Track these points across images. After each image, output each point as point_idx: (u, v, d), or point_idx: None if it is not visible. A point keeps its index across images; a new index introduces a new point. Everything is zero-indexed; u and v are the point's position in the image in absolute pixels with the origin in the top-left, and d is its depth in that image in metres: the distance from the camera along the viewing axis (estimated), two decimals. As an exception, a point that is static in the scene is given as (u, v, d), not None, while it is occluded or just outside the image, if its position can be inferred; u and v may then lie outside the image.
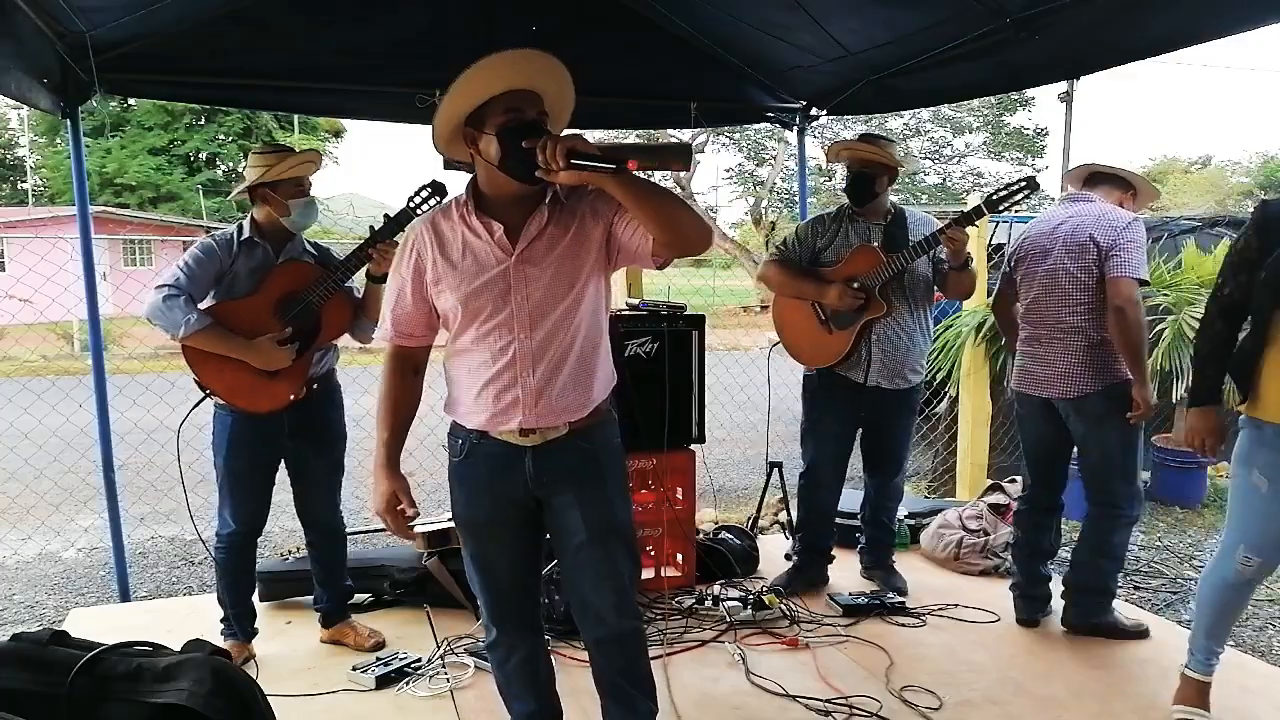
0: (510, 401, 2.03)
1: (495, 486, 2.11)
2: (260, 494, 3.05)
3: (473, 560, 2.20)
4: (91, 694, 1.51)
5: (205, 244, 2.92)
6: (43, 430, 5.42)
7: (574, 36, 3.98)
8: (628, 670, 2.22)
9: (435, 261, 2.04)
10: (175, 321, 2.76)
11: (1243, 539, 2.52)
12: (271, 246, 2.98)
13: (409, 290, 2.08)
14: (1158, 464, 5.38)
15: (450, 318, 2.07)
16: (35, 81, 3.22)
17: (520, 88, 1.93)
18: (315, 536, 3.23)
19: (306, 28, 3.76)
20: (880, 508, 3.76)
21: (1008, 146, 28.04)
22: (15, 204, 26.75)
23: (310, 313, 2.94)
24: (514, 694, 2.32)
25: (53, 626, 1.80)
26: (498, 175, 1.98)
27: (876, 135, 3.64)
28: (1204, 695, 2.63)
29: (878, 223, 3.50)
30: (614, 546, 2.12)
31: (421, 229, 2.08)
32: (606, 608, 2.14)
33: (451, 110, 1.94)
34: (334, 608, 3.27)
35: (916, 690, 2.88)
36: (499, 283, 2.01)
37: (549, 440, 2.08)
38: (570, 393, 2.06)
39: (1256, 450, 2.49)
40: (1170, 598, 3.92)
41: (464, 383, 2.09)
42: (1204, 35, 2.96)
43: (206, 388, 2.92)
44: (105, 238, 17.00)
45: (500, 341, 2.02)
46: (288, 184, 2.93)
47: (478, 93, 1.91)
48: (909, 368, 3.51)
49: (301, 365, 2.96)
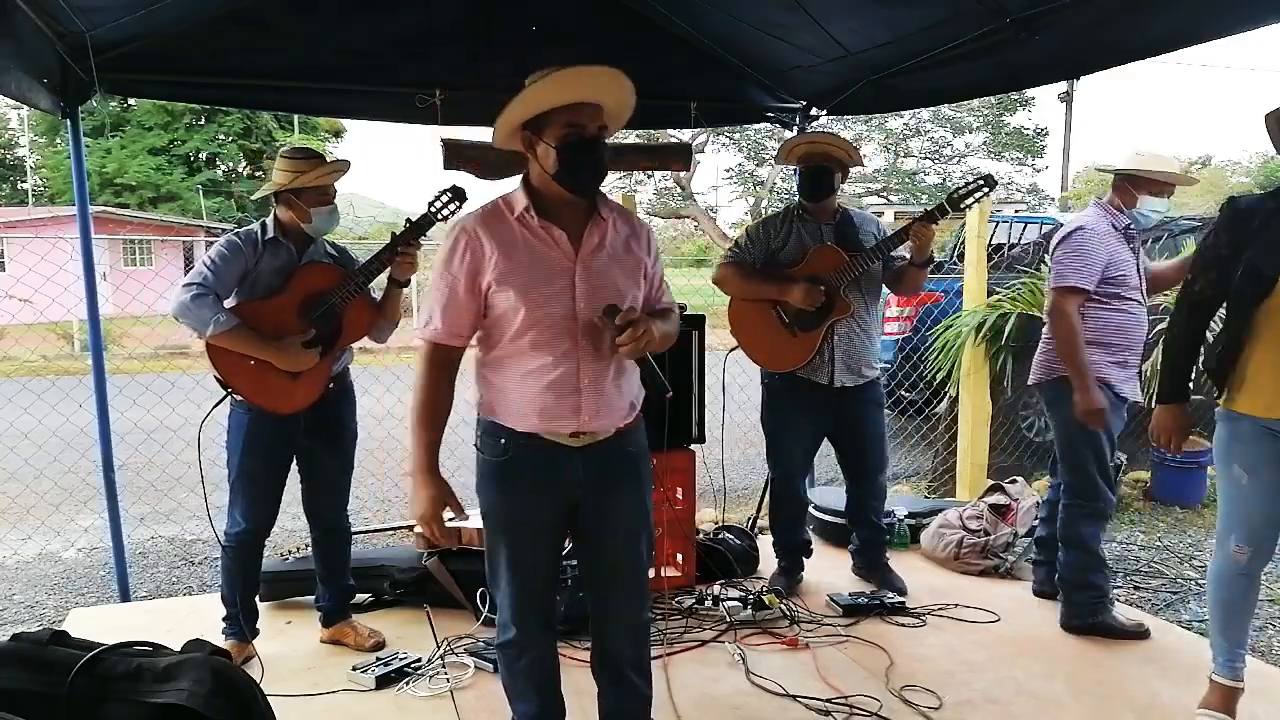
0: (569, 404, 2.06)
1: (541, 488, 2.13)
2: (273, 494, 3.05)
3: (507, 561, 2.18)
4: (91, 694, 1.51)
5: (231, 241, 2.92)
6: (43, 430, 5.41)
7: (574, 36, 3.99)
8: (636, 660, 2.30)
9: (495, 261, 2.03)
10: (204, 320, 2.76)
11: (1231, 530, 2.56)
12: (295, 247, 2.98)
13: (461, 289, 2.06)
14: (1157, 464, 5.37)
15: (505, 318, 2.05)
16: (35, 81, 3.22)
17: (584, 101, 1.99)
18: (321, 535, 3.23)
19: (306, 28, 3.76)
20: (869, 508, 3.75)
21: (1008, 146, 28.08)
22: (15, 204, 26.76)
23: (333, 315, 2.95)
24: (519, 693, 2.32)
25: (53, 626, 1.80)
26: (551, 182, 2.03)
27: (826, 132, 3.66)
28: (1229, 701, 2.61)
29: (828, 223, 3.50)
30: (643, 545, 2.23)
31: (473, 227, 2.06)
32: (631, 604, 2.25)
33: (515, 114, 2.00)
34: (335, 607, 3.27)
35: (916, 690, 2.88)
36: (565, 287, 2.04)
37: (597, 442, 2.12)
38: (620, 396, 2.13)
39: (1234, 444, 2.52)
40: (1170, 598, 3.92)
41: (515, 384, 2.09)
42: (1204, 35, 2.96)
43: (229, 386, 2.91)
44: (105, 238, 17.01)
45: (563, 345, 2.05)
46: (313, 191, 2.92)
47: (543, 101, 1.97)
48: (865, 364, 3.54)
49: (324, 367, 2.97)
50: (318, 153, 3.04)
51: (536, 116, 1.99)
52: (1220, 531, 2.60)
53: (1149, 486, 5.44)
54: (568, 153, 1.97)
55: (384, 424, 6.20)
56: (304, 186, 2.90)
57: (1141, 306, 3.27)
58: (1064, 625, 3.33)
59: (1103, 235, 3.17)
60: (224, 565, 3.12)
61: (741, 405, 4.14)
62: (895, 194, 28.73)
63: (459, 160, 4.05)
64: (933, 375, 5.57)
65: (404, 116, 4.03)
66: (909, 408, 6.65)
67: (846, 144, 3.49)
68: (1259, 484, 2.48)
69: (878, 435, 3.65)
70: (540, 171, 2.04)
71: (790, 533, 3.77)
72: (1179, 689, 2.84)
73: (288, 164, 2.93)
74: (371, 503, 5.54)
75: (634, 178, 24.81)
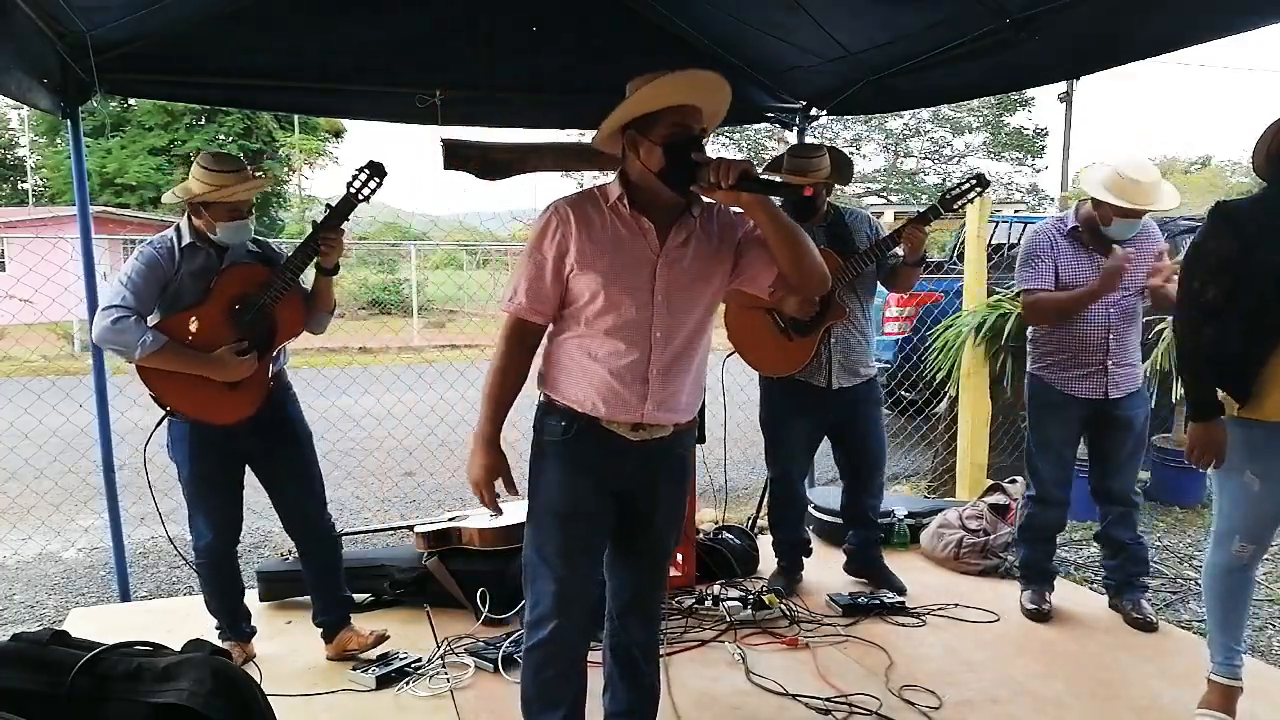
0: (636, 393, 2.09)
1: (600, 473, 2.15)
2: (232, 499, 2.98)
3: (559, 549, 2.16)
4: (92, 694, 1.51)
5: (146, 254, 2.78)
6: (43, 430, 5.41)
7: (574, 36, 3.99)
8: (647, 646, 2.36)
9: (581, 242, 2.07)
10: (130, 344, 2.65)
11: (1235, 530, 2.55)
12: (214, 250, 2.86)
13: (549, 269, 2.10)
14: (1157, 464, 5.37)
15: (584, 300, 2.09)
16: (36, 81, 3.21)
17: (689, 104, 2.03)
18: (304, 544, 3.12)
19: (306, 28, 3.76)
20: (866, 507, 3.75)
21: (1007, 146, 28.08)
22: (15, 204, 26.74)
23: (265, 315, 2.84)
24: (548, 701, 2.24)
25: (53, 626, 1.80)
26: (652, 179, 2.06)
27: (806, 149, 3.52)
28: (1229, 701, 2.61)
29: (819, 225, 3.48)
30: (672, 542, 2.37)
31: (565, 209, 2.11)
32: (654, 594, 2.36)
33: (624, 113, 2.03)
34: (333, 620, 3.15)
35: (916, 690, 2.88)
36: (645, 278, 2.08)
37: (654, 438, 2.15)
38: (684, 396, 2.16)
39: (1246, 449, 2.49)
40: (1170, 598, 3.92)
41: (583, 366, 2.11)
42: (1204, 35, 2.96)
43: (167, 407, 2.82)
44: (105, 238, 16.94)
45: (636, 335, 2.08)
46: (222, 206, 2.79)
47: (651, 103, 2.01)
48: (862, 364, 3.55)
49: (262, 371, 2.87)
50: (239, 163, 2.89)
51: (641, 117, 2.04)
52: (1221, 532, 2.59)
53: (1149, 486, 5.43)
54: (674, 151, 2.01)
55: (384, 424, 6.21)
56: (213, 201, 2.77)
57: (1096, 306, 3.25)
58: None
59: (1046, 236, 3.31)
60: (202, 580, 3.07)
61: (742, 405, 4.14)
62: (895, 194, 28.73)
63: (459, 160, 4.05)
64: (932, 375, 5.58)
65: (404, 116, 4.02)
66: (909, 408, 6.66)
67: (816, 174, 3.38)
68: (1273, 488, 2.46)
69: (877, 434, 3.66)
70: (642, 169, 2.07)
71: (790, 532, 3.77)
72: (1179, 689, 2.85)
73: (204, 174, 2.79)
74: (371, 503, 5.53)
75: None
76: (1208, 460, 2.55)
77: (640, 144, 2.05)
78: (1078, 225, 3.27)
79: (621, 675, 2.38)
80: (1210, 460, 2.55)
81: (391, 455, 6.16)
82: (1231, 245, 2.44)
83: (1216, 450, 2.53)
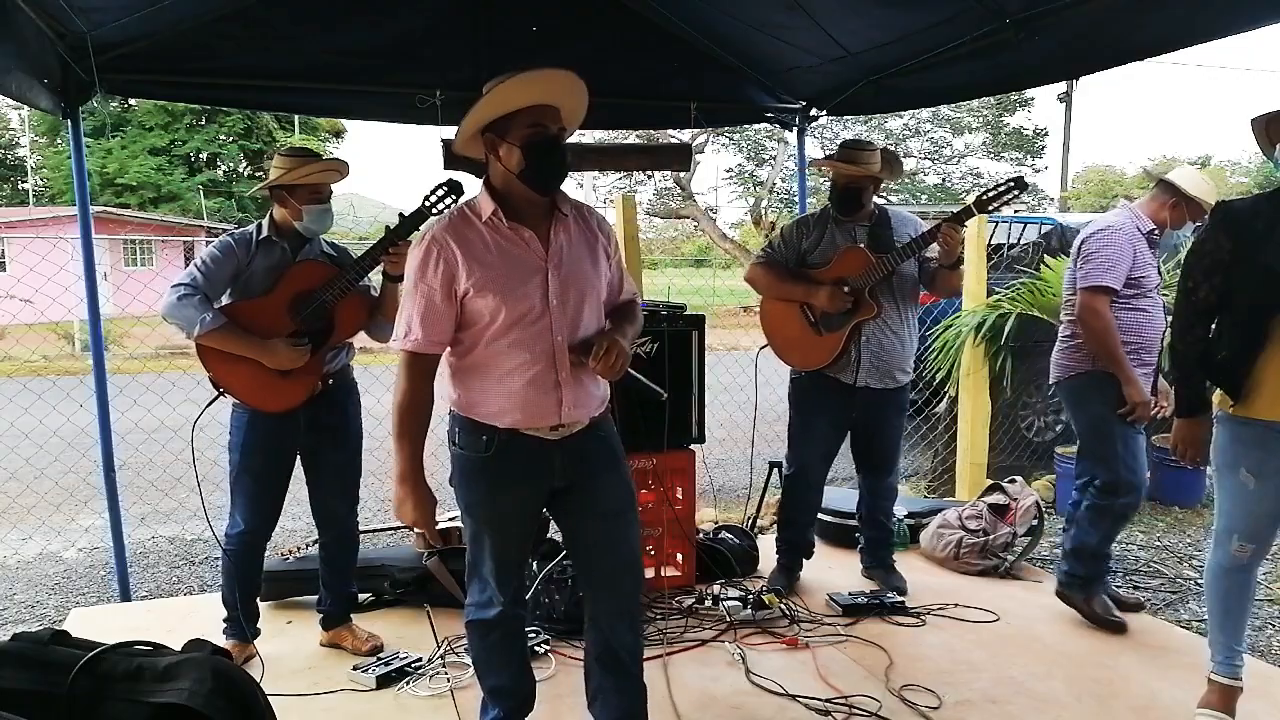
0: (550, 399, 2.14)
1: (524, 480, 2.21)
2: (274, 495, 3.05)
3: (490, 549, 2.27)
4: (92, 694, 1.51)
5: (223, 242, 2.95)
6: (43, 430, 5.41)
7: (573, 37, 3.99)
8: (630, 645, 2.35)
9: (467, 266, 2.08)
10: (190, 320, 2.79)
11: (1234, 530, 2.57)
12: (289, 246, 2.99)
13: (438, 297, 2.11)
14: (1158, 464, 5.36)
15: (484, 321, 2.11)
16: (36, 82, 3.22)
17: (545, 103, 2.06)
18: (328, 538, 3.21)
19: (306, 28, 3.76)
20: (876, 508, 3.78)
21: (1007, 147, 28.06)
22: (16, 204, 26.76)
23: (323, 312, 2.95)
24: (495, 666, 2.39)
25: (53, 626, 1.80)
26: (516, 183, 2.09)
27: (858, 144, 3.49)
28: (1229, 700, 2.62)
29: (863, 224, 3.49)
30: (633, 524, 2.33)
31: (442, 235, 2.12)
32: (627, 584, 2.33)
33: (478, 116, 2.06)
34: (336, 612, 3.25)
35: (916, 690, 2.89)
36: (537, 285, 2.12)
37: (573, 434, 2.20)
38: (596, 386, 2.23)
39: (1239, 447, 2.51)
40: (1170, 597, 3.92)
41: (496, 384, 2.14)
42: (1203, 35, 2.96)
43: (220, 386, 2.93)
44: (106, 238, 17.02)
45: (541, 344, 2.12)
46: (304, 189, 2.94)
47: (505, 104, 2.04)
48: (898, 368, 3.52)
49: (315, 364, 2.96)
50: (315, 153, 3.05)
51: (498, 120, 2.06)
52: (1220, 531, 2.60)
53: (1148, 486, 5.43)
54: (533, 152, 2.05)
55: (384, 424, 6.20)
56: (296, 183, 2.92)
57: (1158, 308, 3.32)
58: (1057, 592, 3.47)
59: (1129, 236, 3.23)
60: (224, 567, 3.11)
61: (742, 405, 4.15)
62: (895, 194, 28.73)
63: (459, 161, 4.05)
64: (932, 375, 5.57)
65: (404, 117, 4.03)
66: (909, 407, 6.65)
67: (867, 169, 3.40)
68: (1269, 486, 2.47)
69: (893, 438, 3.67)
70: (504, 172, 2.11)
71: (797, 534, 3.77)
72: (1179, 689, 2.85)
73: (280, 160, 2.97)
74: (372, 503, 5.53)
75: (634, 178, 24.79)
76: (1191, 455, 2.63)
77: (499, 146, 2.08)
78: (1155, 228, 3.28)
79: (610, 685, 2.35)
80: (1193, 455, 2.63)
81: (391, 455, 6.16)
82: (1225, 246, 2.47)
83: (1198, 446, 2.62)
